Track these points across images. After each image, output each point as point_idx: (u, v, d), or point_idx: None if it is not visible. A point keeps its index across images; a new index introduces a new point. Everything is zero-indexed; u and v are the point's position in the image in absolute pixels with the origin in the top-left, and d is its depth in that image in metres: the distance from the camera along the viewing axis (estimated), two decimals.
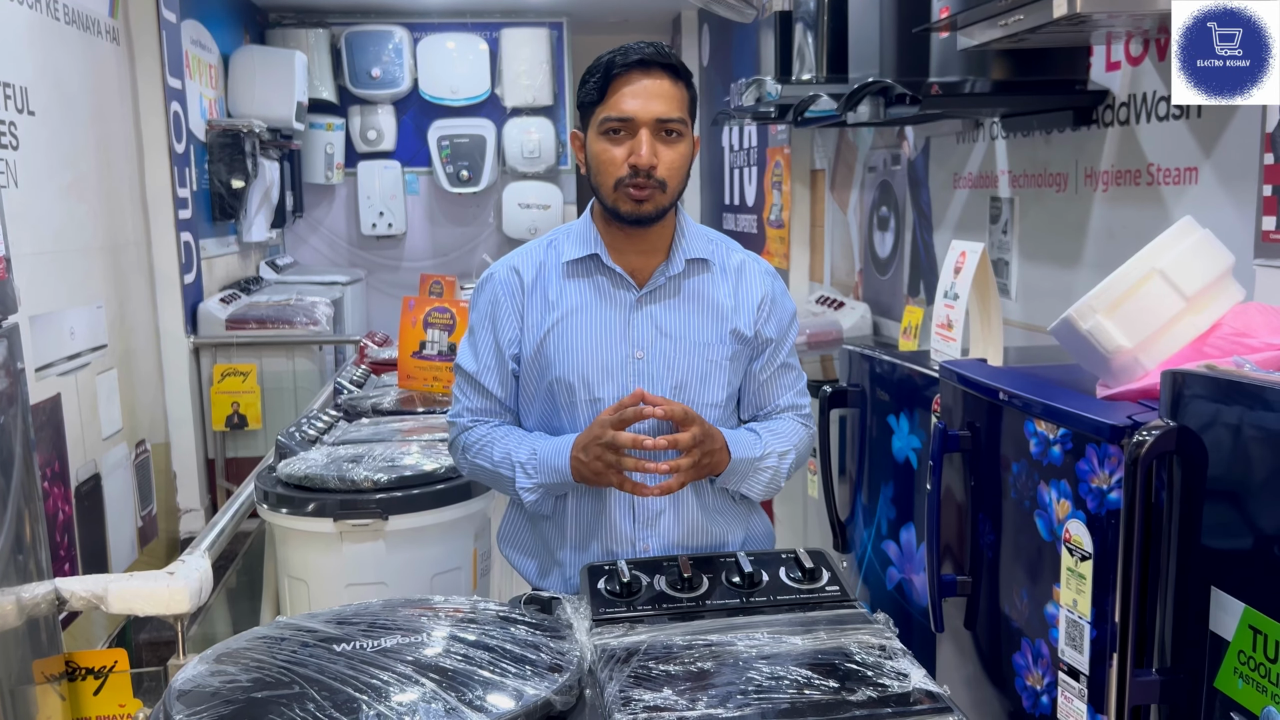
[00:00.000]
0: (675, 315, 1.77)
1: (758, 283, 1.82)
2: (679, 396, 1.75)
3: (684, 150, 1.70)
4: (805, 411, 1.91)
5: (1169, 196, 2.26)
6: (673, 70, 1.68)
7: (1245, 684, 1.26)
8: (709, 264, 1.80)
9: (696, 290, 1.79)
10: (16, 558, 1.91)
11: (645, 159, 1.64)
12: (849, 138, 4.28)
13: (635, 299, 1.76)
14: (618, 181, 1.68)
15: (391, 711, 1.16)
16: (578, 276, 1.77)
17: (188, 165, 4.83)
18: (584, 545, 1.78)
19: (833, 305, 4.30)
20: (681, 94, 1.69)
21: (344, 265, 7.12)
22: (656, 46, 1.68)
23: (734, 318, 1.79)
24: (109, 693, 2.11)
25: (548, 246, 1.82)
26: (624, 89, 1.65)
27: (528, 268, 1.80)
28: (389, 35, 6.77)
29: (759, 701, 1.22)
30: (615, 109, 1.66)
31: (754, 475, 1.78)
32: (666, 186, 1.68)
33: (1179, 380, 1.38)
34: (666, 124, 1.66)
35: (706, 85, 6.80)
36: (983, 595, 1.85)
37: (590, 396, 1.74)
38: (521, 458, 1.73)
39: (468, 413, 1.83)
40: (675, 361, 1.76)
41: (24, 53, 3.28)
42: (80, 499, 3.50)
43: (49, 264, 3.39)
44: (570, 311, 1.75)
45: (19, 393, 1.98)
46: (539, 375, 1.78)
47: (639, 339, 1.75)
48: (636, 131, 1.66)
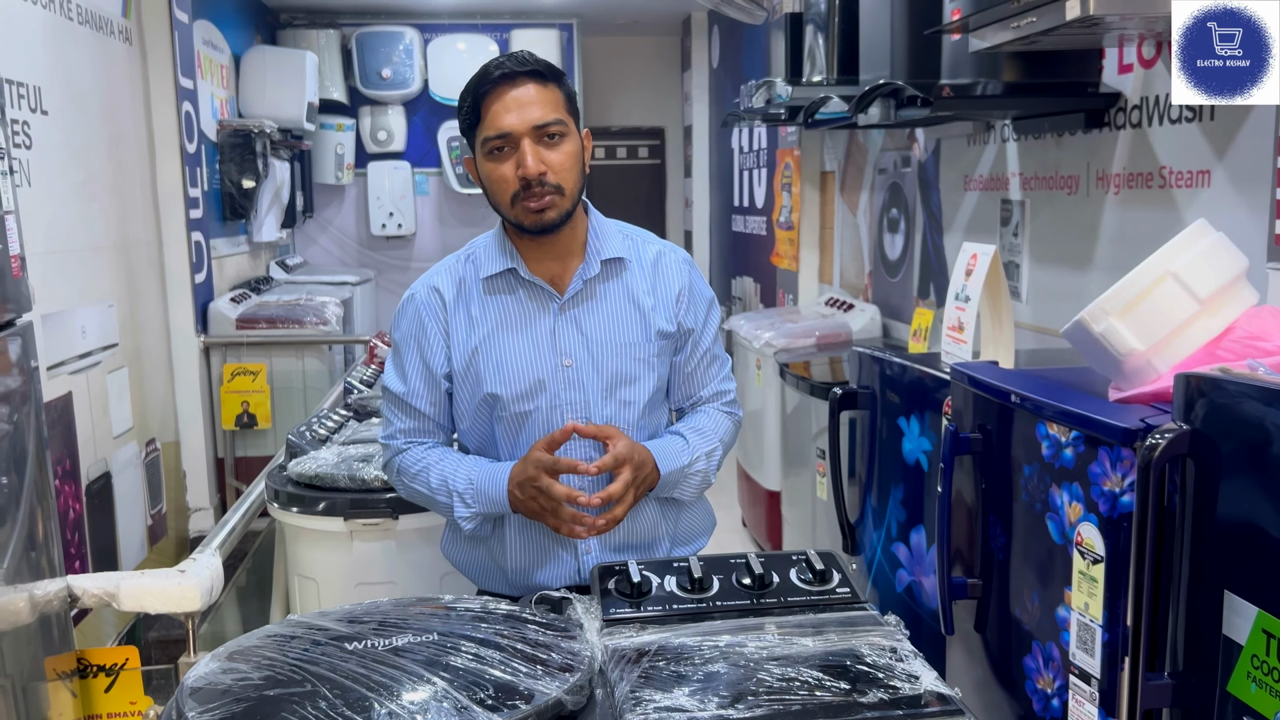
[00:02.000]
0: (598, 319, 1.78)
1: (674, 274, 1.83)
2: (610, 397, 1.78)
3: (570, 150, 1.70)
4: (730, 398, 1.94)
5: (1181, 199, 2.25)
6: (539, 76, 1.69)
7: (1259, 688, 1.26)
8: (625, 262, 1.81)
9: (616, 291, 1.80)
10: (29, 555, 1.91)
11: (532, 168, 1.65)
12: (859, 139, 4.28)
13: (558, 307, 1.77)
14: (513, 197, 1.69)
15: (403, 710, 1.16)
16: (498, 292, 1.78)
17: (199, 165, 4.85)
18: (525, 549, 1.80)
19: (842, 307, 4.29)
20: (555, 95, 1.70)
21: (354, 265, 7.14)
22: (518, 56, 1.69)
23: (654, 315, 1.80)
24: (120, 690, 2.11)
25: (465, 262, 1.82)
26: (495, 106, 1.67)
27: (448, 286, 1.81)
28: (399, 36, 6.79)
29: (770, 703, 1.21)
30: (492, 127, 1.67)
31: (685, 482, 1.81)
32: (563, 189, 1.69)
33: (1192, 383, 1.38)
34: (545, 129, 1.67)
35: (716, 86, 6.81)
36: (993, 598, 1.85)
37: (523, 409, 1.76)
38: (459, 487, 1.75)
39: (400, 434, 1.84)
40: (603, 365, 1.77)
41: (37, 52, 3.29)
42: (91, 497, 3.51)
43: (61, 263, 3.40)
44: (496, 328, 1.77)
45: (32, 391, 1.99)
46: (471, 392, 1.79)
47: (565, 347, 1.77)
48: (518, 144, 1.66)
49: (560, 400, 1.76)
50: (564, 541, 1.78)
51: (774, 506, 4.17)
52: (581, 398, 1.77)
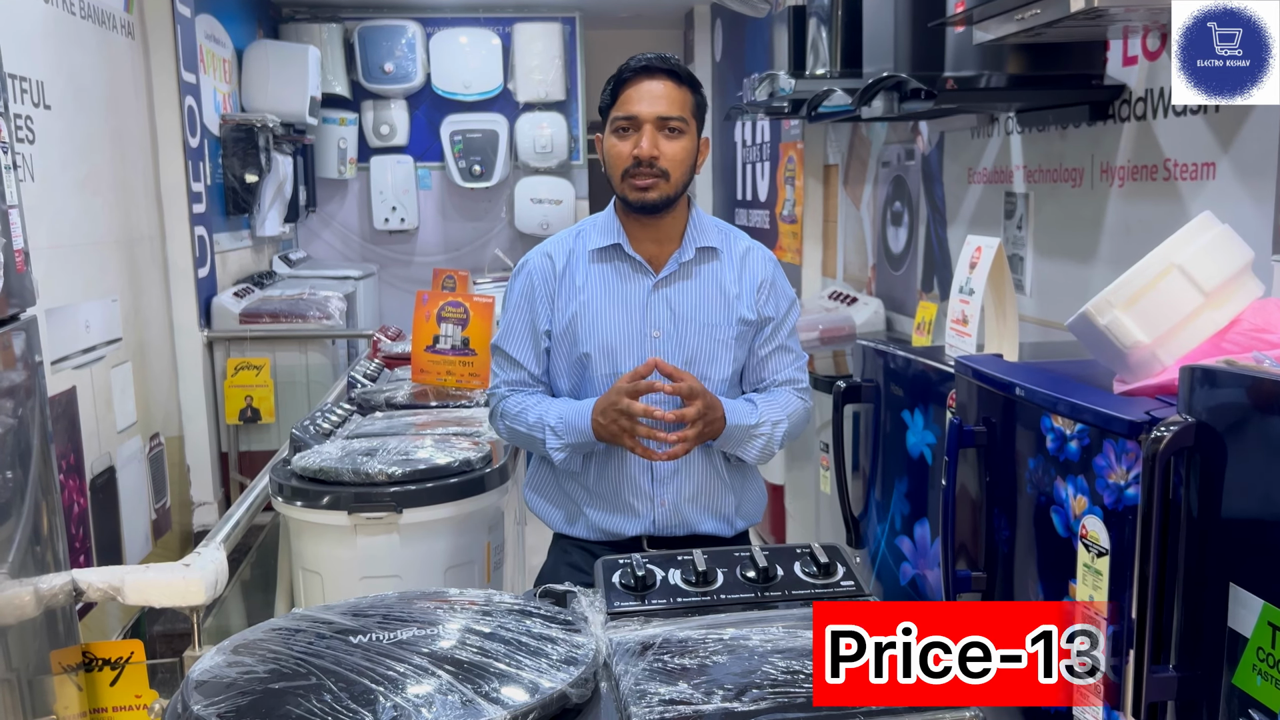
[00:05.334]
0: (687, 298, 1.97)
1: (759, 268, 2.03)
2: (688, 370, 1.93)
3: (685, 145, 1.90)
4: (803, 385, 2.09)
5: (1186, 192, 2.25)
6: (675, 76, 1.90)
7: (1264, 681, 1.25)
8: (718, 252, 2.01)
9: (706, 276, 1.99)
10: (34, 549, 1.92)
11: (646, 150, 1.87)
12: (862, 132, 4.27)
13: (652, 284, 1.97)
14: (624, 172, 1.90)
15: (408, 703, 1.16)
16: (601, 262, 1.98)
17: (201, 159, 4.85)
18: (605, 498, 1.99)
19: (846, 300, 4.29)
20: (685, 96, 1.90)
21: (356, 260, 7.14)
22: (662, 55, 1.91)
23: (739, 302, 1.98)
24: (125, 683, 2.12)
25: (576, 236, 2.03)
26: (630, 92, 1.89)
27: (559, 255, 2.00)
28: (402, 30, 6.78)
29: (774, 695, 1.21)
30: (623, 109, 1.89)
31: (749, 441, 1.96)
32: (670, 176, 1.89)
33: (1197, 375, 1.37)
34: (668, 121, 1.88)
35: (719, 80, 6.79)
36: (997, 591, 1.85)
37: (613, 369, 1.95)
38: (551, 421, 1.93)
39: (504, 385, 2.04)
40: (686, 340, 1.96)
41: (40, 47, 3.29)
42: (95, 492, 3.51)
43: (64, 257, 3.40)
44: (595, 294, 1.97)
45: (37, 385, 1.99)
46: (568, 349, 1.98)
47: (655, 319, 1.96)
48: (641, 128, 1.88)
49: None
50: (639, 493, 1.97)
51: (778, 500, 4.17)
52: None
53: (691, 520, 1.99)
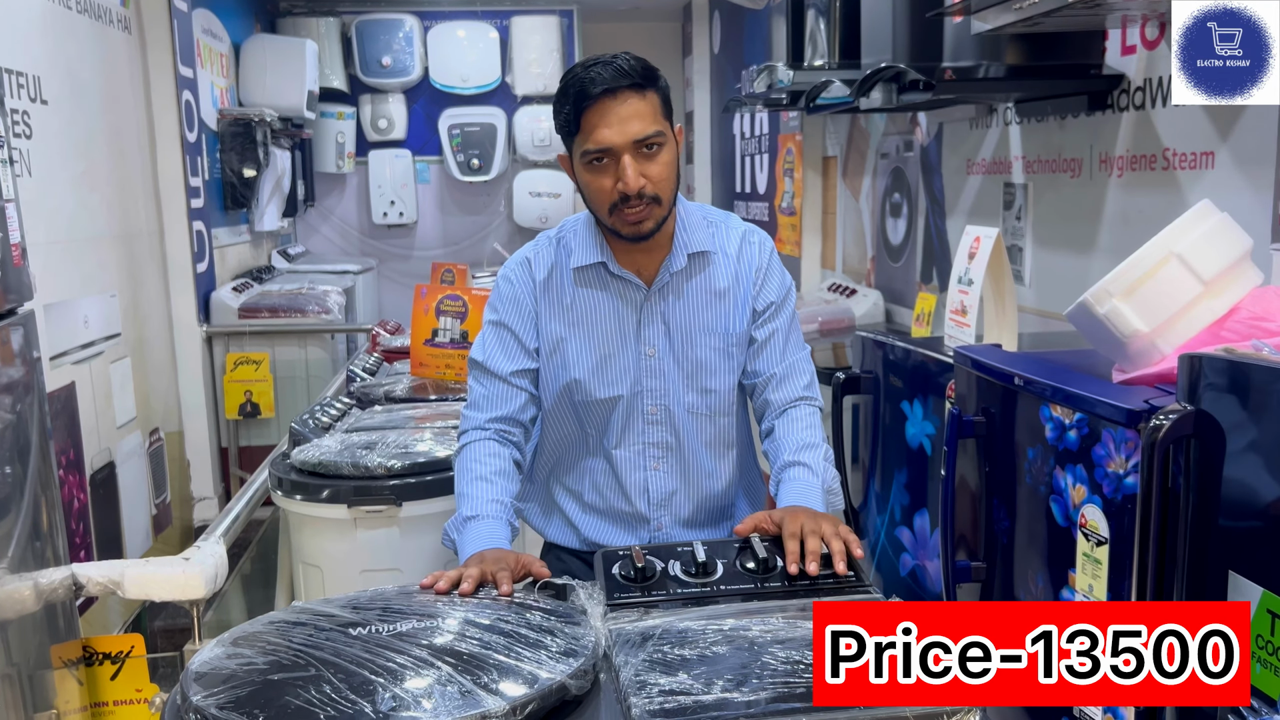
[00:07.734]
0: (681, 310, 1.83)
1: (755, 254, 1.86)
2: (690, 386, 1.84)
3: (668, 159, 1.71)
4: (807, 381, 1.91)
5: (1185, 181, 2.24)
6: (638, 87, 1.67)
7: (1264, 668, 1.26)
8: (710, 255, 1.83)
9: (699, 284, 1.83)
10: (34, 544, 1.92)
11: (633, 184, 1.66)
12: (861, 124, 4.26)
13: (643, 299, 1.82)
14: (612, 206, 1.70)
15: (407, 694, 1.16)
16: (588, 285, 1.82)
17: (199, 154, 4.84)
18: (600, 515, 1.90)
19: (845, 292, 4.28)
20: (653, 103, 1.68)
21: (355, 254, 7.13)
22: (618, 66, 1.66)
23: (738, 303, 1.84)
24: (126, 677, 2.12)
25: (558, 246, 1.85)
26: (596, 120, 1.65)
27: (540, 267, 1.84)
28: (399, 24, 6.76)
29: (774, 686, 1.21)
30: (593, 141, 1.66)
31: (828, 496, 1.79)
32: (661, 199, 1.71)
33: (1196, 364, 1.37)
34: (645, 141, 1.67)
35: (717, 72, 6.78)
36: (997, 581, 1.85)
37: (609, 395, 1.83)
38: (465, 512, 1.75)
39: (482, 401, 1.85)
40: (684, 355, 1.83)
41: (37, 42, 3.29)
42: (95, 487, 3.52)
43: (62, 253, 3.40)
44: (583, 317, 1.82)
45: (35, 381, 1.99)
46: (555, 374, 1.84)
47: (649, 337, 1.82)
48: (619, 158, 1.66)
49: (643, 387, 1.83)
50: (636, 518, 1.88)
51: None
52: (663, 386, 1.83)
53: (689, 536, 1.87)
